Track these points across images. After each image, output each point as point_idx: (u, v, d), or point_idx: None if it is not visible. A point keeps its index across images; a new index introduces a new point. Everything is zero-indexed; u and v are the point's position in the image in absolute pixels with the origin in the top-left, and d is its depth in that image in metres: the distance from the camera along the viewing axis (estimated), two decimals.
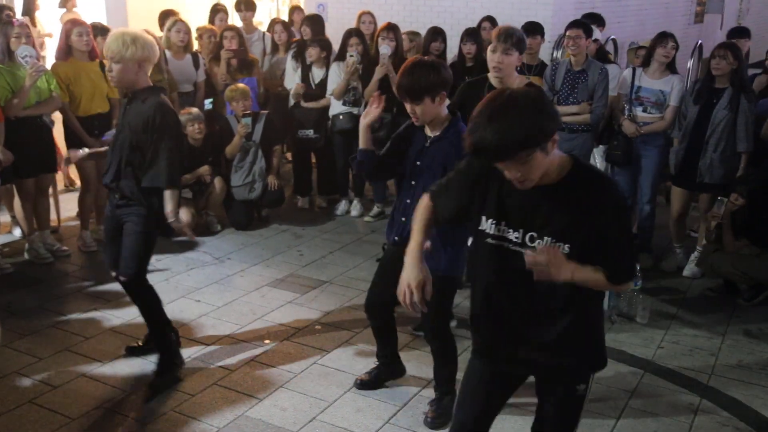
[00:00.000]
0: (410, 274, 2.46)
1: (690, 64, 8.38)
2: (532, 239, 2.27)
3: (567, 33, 5.57)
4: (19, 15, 9.75)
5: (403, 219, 3.45)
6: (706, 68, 5.48)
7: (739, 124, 5.15)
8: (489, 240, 2.35)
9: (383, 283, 3.64)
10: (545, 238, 2.25)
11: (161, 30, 6.90)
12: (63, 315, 4.69)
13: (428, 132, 3.41)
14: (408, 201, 3.44)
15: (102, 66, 5.68)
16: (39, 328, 4.51)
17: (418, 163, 3.41)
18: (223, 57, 6.69)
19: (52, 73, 5.39)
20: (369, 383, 3.95)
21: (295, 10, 8.63)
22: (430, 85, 3.20)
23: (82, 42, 5.48)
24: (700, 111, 5.26)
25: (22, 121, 5.18)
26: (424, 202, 2.59)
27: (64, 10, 10.10)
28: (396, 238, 3.52)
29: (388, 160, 3.54)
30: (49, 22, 10.21)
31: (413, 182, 3.44)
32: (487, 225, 2.34)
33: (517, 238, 2.29)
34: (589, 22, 6.33)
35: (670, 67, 5.53)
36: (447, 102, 3.35)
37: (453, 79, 3.39)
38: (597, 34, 6.07)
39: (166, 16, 6.99)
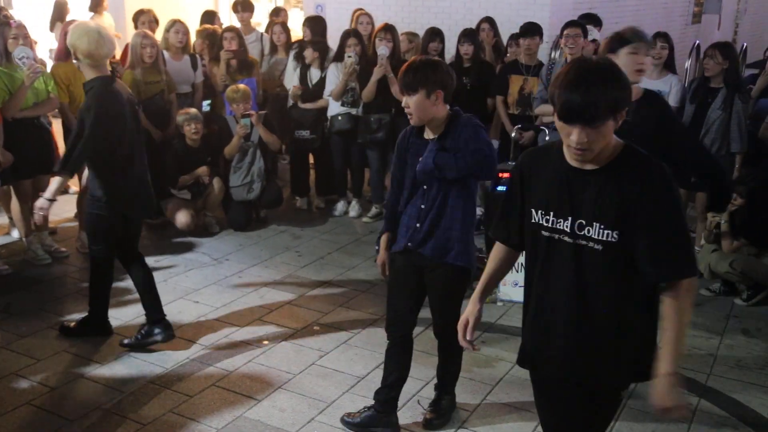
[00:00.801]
0: (467, 310, 2.60)
1: (688, 64, 8.39)
2: (580, 227, 2.23)
3: (565, 32, 5.60)
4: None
5: (418, 225, 3.37)
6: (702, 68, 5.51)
7: (732, 124, 5.17)
8: (544, 232, 2.32)
9: (401, 299, 3.55)
10: (594, 224, 2.21)
11: (135, 29, 6.89)
12: (61, 316, 4.68)
13: (428, 135, 3.33)
14: (423, 206, 3.36)
15: None
16: (37, 330, 4.50)
17: None
18: (223, 58, 6.69)
19: (49, 74, 5.38)
20: (354, 425, 3.62)
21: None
22: (426, 78, 3.16)
23: None
24: (695, 110, 5.29)
25: (19, 122, 5.19)
26: (495, 248, 2.61)
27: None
28: (409, 243, 3.41)
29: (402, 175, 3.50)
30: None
31: (425, 186, 3.35)
32: (538, 217, 2.32)
33: (566, 227, 2.26)
34: (585, 22, 6.36)
35: (669, 67, 5.54)
36: (447, 107, 3.28)
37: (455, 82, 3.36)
38: (596, 34, 6.08)
39: (139, 15, 6.99)
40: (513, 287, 5.02)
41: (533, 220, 2.35)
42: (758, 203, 4.99)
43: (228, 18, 9.43)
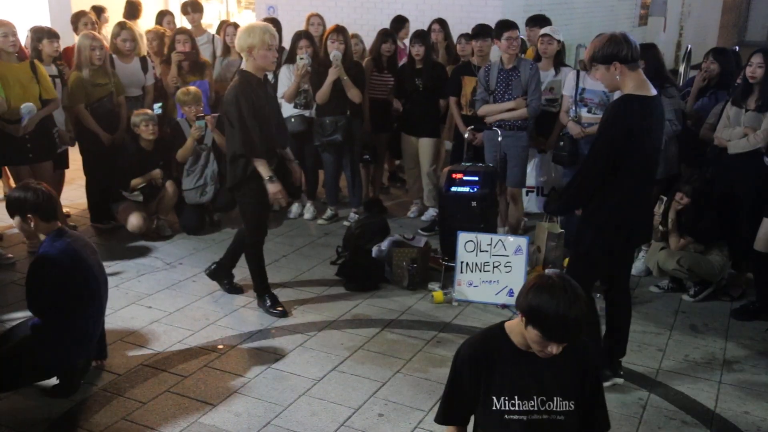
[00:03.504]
0: None
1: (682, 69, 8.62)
2: (543, 403, 2.42)
3: (505, 34, 5.70)
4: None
5: None
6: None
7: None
8: (509, 416, 2.43)
9: None
10: (555, 398, 2.43)
11: (75, 33, 6.74)
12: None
13: None
14: None
15: (33, 67, 5.52)
16: None
17: None
18: (174, 59, 6.60)
19: None
20: None
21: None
22: None
23: (8, 43, 5.34)
24: None
25: None
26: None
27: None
28: None
29: None
30: None
31: None
32: (500, 403, 2.43)
33: (532, 406, 2.43)
34: (530, 24, 6.55)
35: None
36: None
37: (397, 79, 3.44)
38: (560, 35, 6.20)
39: (80, 17, 6.85)
40: (468, 287, 5.06)
41: (494, 408, 2.43)
42: (703, 202, 5.12)
43: (180, 20, 9.30)
